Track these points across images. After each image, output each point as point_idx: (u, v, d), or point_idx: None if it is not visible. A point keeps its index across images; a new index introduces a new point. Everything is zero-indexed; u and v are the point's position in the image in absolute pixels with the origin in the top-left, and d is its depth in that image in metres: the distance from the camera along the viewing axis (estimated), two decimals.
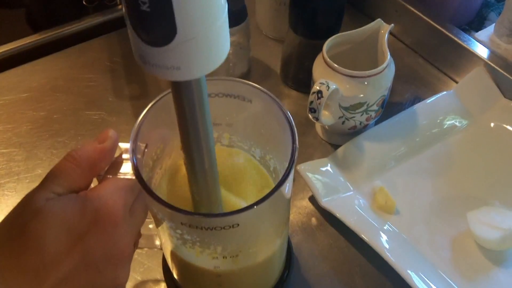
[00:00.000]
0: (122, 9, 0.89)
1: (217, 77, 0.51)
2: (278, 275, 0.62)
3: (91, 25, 0.92)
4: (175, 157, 0.55)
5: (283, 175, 0.46)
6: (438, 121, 0.82)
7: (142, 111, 0.49)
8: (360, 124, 0.77)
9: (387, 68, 0.74)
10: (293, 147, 0.47)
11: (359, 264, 0.68)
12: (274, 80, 0.89)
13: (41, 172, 0.75)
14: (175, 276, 0.60)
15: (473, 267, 0.67)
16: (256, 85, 0.51)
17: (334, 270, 0.68)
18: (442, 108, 0.82)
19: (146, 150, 0.49)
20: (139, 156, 0.47)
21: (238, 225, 0.45)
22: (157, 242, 0.59)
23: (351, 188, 0.74)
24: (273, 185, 0.50)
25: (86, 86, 0.87)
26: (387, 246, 0.66)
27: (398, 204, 0.72)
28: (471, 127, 0.81)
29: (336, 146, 0.80)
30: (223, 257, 0.49)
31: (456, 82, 0.90)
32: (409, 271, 0.64)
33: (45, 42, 0.89)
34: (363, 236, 0.67)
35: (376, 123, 0.80)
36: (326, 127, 0.78)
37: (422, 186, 0.75)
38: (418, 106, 0.81)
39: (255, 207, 0.43)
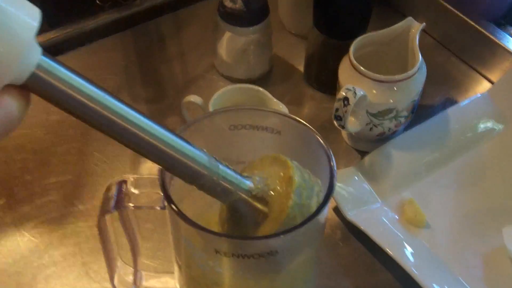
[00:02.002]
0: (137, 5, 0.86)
1: (240, 107, 0.48)
2: None
3: (106, 22, 0.88)
4: None
5: (323, 202, 0.43)
6: (471, 125, 0.77)
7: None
8: (388, 130, 0.73)
9: (419, 72, 0.70)
10: (331, 181, 0.44)
11: (384, 281, 0.65)
12: (296, 80, 0.85)
13: (55, 180, 0.72)
14: None
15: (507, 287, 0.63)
16: (287, 113, 0.48)
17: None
18: (475, 111, 0.78)
19: None
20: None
21: (277, 252, 0.42)
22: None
23: (379, 200, 0.70)
24: None
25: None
26: (413, 260, 0.63)
27: (428, 217, 0.68)
28: (507, 132, 0.77)
29: (362, 153, 0.76)
30: None
31: (491, 82, 0.85)
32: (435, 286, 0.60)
33: (57, 40, 0.85)
34: (387, 249, 0.63)
35: (406, 128, 0.75)
36: (353, 133, 0.74)
37: (454, 198, 0.71)
38: (450, 110, 0.77)
39: (298, 229, 0.41)
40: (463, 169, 0.74)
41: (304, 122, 0.48)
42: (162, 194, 0.43)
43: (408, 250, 0.65)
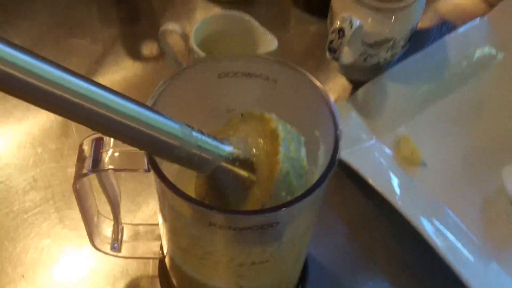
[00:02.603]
0: None
1: (235, 54, 0.42)
2: None
3: None
4: None
5: (328, 167, 0.38)
6: (470, 53, 0.72)
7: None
8: (384, 60, 0.67)
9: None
10: (336, 134, 0.40)
11: (376, 220, 0.62)
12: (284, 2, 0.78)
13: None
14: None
15: (505, 231, 0.60)
16: (284, 61, 0.42)
17: (350, 227, 0.61)
18: (474, 38, 0.73)
19: None
20: None
21: (278, 223, 0.38)
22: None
23: (373, 137, 0.65)
24: None
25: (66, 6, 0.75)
26: (406, 200, 0.59)
27: (424, 155, 0.65)
28: (508, 60, 0.72)
29: (355, 83, 0.71)
30: (251, 263, 0.42)
31: (490, 5, 0.78)
32: (421, 218, 0.57)
33: None
34: (381, 190, 0.59)
35: (401, 57, 0.70)
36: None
37: (451, 134, 0.67)
38: (447, 38, 0.71)
39: (303, 200, 0.36)
40: (461, 102, 0.69)
41: (303, 70, 0.42)
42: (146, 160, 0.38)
43: (403, 190, 0.61)
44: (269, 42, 0.61)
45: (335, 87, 0.72)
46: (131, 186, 0.61)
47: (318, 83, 0.42)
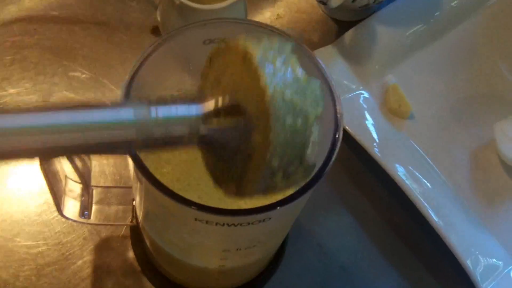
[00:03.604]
0: None
1: (224, 18, 0.37)
2: None
3: None
4: None
5: (327, 157, 0.34)
6: None
7: None
8: (373, 1, 0.62)
9: None
10: (335, 113, 0.35)
11: (356, 172, 0.59)
12: None
13: None
14: (159, 265, 0.50)
15: (494, 188, 0.59)
16: (275, 27, 0.37)
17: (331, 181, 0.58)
18: None
19: None
20: None
21: (271, 218, 0.34)
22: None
23: (360, 85, 0.61)
24: None
25: None
26: (377, 140, 0.57)
27: (412, 106, 0.61)
28: (502, 2, 0.67)
29: (341, 23, 0.66)
30: (237, 249, 0.39)
31: None
32: (396, 164, 0.55)
33: None
34: (368, 147, 0.56)
35: None
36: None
37: (442, 82, 0.64)
38: None
39: (299, 198, 0.33)
40: (453, 46, 0.66)
41: (296, 39, 0.38)
42: None
43: (382, 140, 0.58)
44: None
45: (320, 25, 0.67)
46: None
47: (315, 56, 0.37)
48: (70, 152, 0.30)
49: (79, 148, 0.28)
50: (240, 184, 0.32)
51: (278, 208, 0.33)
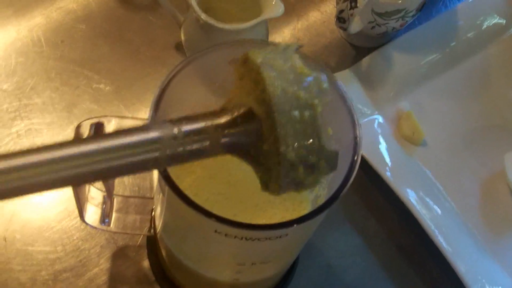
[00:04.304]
0: None
1: (250, 40, 0.39)
2: None
3: None
4: None
5: (344, 179, 0.36)
6: (478, 24, 0.69)
7: None
8: (392, 29, 0.64)
9: None
10: (355, 137, 0.37)
11: (367, 195, 0.61)
12: None
13: None
14: (173, 275, 0.51)
15: (503, 217, 0.60)
16: (304, 53, 0.39)
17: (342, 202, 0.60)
18: (483, 7, 0.70)
19: None
20: None
21: (287, 235, 0.36)
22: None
23: (375, 111, 0.63)
24: None
25: None
26: (404, 181, 0.58)
27: (425, 133, 0.62)
28: None
29: (358, 49, 0.68)
30: (252, 264, 0.40)
31: None
32: (407, 189, 0.56)
33: None
34: (376, 166, 0.58)
35: (408, 26, 0.66)
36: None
37: (454, 111, 0.65)
38: (458, 6, 0.68)
39: (316, 216, 0.35)
40: (467, 76, 0.67)
41: (318, 62, 0.39)
42: None
43: (395, 164, 0.59)
44: (274, 7, 0.57)
45: (337, 50, 0.69)
46: None
47: (336, 80, 0.39)
48: (102, 177, 0.32)
49: (110, 172, 0.30)
50: (270, 181, 0.33)
51: (295, 225, 0.34)
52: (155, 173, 0.36)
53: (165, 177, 0.34)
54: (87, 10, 0.67)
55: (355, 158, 0.35)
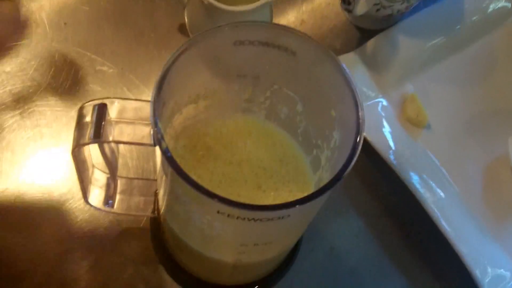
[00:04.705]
0: None
1: (254, 22, 0.39)
2: None
3: None
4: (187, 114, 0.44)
5: (347, 160, 0.35)
6: (483, 7, 0.68)
7: None
8: (397, 12, 0.64)
9: None
10: (358, 119, 0.37)
11: (370, 178, 0.61)
12: None
13: None
14: (176, 256, 0.52)
15: (506, 201, 0.60)
16: (304, 33, 0.39)
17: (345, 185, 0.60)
18: None
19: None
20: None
21: (289, 216, 0.36)
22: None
23: (379, 93, 0.63)
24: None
25: None
26: (393, 147, 0.58)
27: (430, 117, 0.62)
28: None
29: (363, 31, 0.68)
30: (254, 245, 0.41)
31: None
32: (412, 174, 0.56)
33: None
34: (373, 142, 0.58)
35: (414, 8, 0.66)
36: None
37: (459, 95, 0.65)
38: None
39: (318, 197, 0.35)
40: (472, 60, 0.67)
41: (323, 45, 0.39)
42: (153, 133, 0.36)
43: (398, 147, 0.59)
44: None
45: (342, 32, 0.68)
46: None
47: (341, 63, 0.39)
48: None
49: None
50: None
51: (297, 206, 0.34)
52: (158, 155, 0.36)
53: (168, 159, 0.34)
54: None
55: (358, 139, 0.35)
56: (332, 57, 0.39)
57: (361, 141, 0.36)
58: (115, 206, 0.49)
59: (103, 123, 0.39)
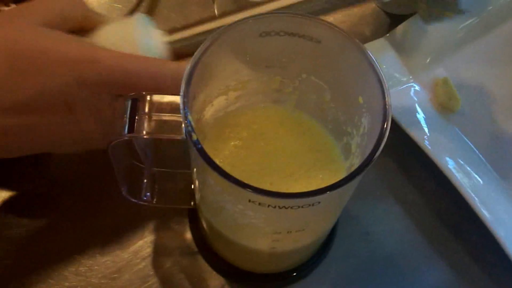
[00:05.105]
0: None
1: (280, 12, 0.39)
2: None
3: None
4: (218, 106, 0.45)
5: (375, 145, 0.36)
6: None
7: None
8: None
9: None
10: (384, 105, 0.37)
11: (406, 163, 0.60)
12: None
13: None
14: (214, 245, 0.53)
15: None
16: (327, 22, 0.39)
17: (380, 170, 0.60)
18: None
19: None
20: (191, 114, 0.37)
21: (320, 203, 0.37)
22: None
23: (410, 78, 0.63)
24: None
25: None
26: (427, 133, 0.58)
27: (463, 99, 0.62)
28: None
29: (393, 16, 0.67)
30: (287, 232, 0.42)
31: None
32: (448, 159, 0.56)
33: None
34: (414, 135, 0.58)
35: None
36: None
37: (493, 77, 0.64)
38: None
39: (347, 183, 0.35)
40: (505, 40, 0.66)
41: (347, 33, 0.40)
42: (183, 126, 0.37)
43: (440, 139, 0.59)
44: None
45: (372, 19, 0.68)
46: None
47: (366, 49, 0.39)
48: None
49: None
50: None
51: (328, 192, 0.35)
52: (190, 147, 0.37)
53: (199, 150, 0.35)
54: None
55: (385, 125, 0.36)
56: (357, 44, 0.39)
57: (388, 127, 0.36)
58: (153, 198, 0.51)
59: (136, 117, 0.40)
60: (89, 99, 0.44)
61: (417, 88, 0.62)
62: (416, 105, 0.61)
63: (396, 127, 0.58)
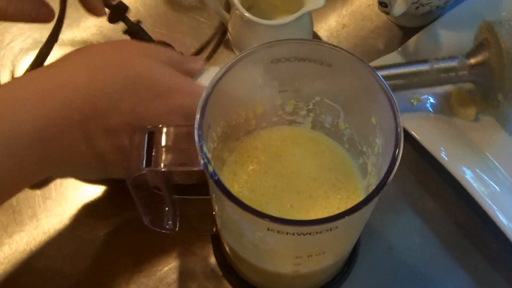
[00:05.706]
0: None
1: (288, 39, 0.41)
2: None
3: None
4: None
5: (389, 167, 0.36)
6: None
7: None
8: (436, 8, 0.64)
9: None
10: (396, 126, 0.38)
11: (423, 174, 0.61)
12: None
13: None
14: (238, 269, 0.53)
15: None
16: (336, 46, 0.40)
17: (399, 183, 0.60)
18: None
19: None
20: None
21: (337, 227, 0.37)
22: None
23: (426, 90, 0.63)
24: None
25: None
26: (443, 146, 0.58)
27: (477, 108, 0.62)
28: None
29: (405, 29, 0.68)
30: (308, 256, 0.42)
31: None
32: (464, 169, 0.56)
33: None
34: (429, 147, 0.58)
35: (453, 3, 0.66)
36: None
37: None
38: None
39: (363, 208, 0.36)
40: None
41: (357, 56, 0.41)
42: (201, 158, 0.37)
43: (456, 149, 0.59)
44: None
45: (384, 32, 0.69)
46: None
47: (374, 71, 0.40)
48: None
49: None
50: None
51: (346, 217, 0.35)
52: (208, 178, 0.38)
53: (216, 182, 0.35)
54: (138, 15, 0.69)
55: (397, 150, 0.36)
56: (366, 66, 0.40)
57: (401, 151, 0.37)
58: (175, 226, 0.51)
59: (153, 150, 0.41)
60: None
61: (432, 99, 0.62)
62: (432, 116, 0.61)
63: (412, 139, 0.58)
